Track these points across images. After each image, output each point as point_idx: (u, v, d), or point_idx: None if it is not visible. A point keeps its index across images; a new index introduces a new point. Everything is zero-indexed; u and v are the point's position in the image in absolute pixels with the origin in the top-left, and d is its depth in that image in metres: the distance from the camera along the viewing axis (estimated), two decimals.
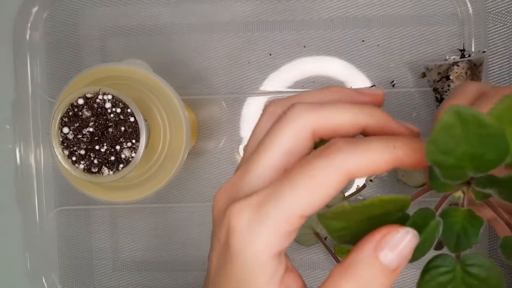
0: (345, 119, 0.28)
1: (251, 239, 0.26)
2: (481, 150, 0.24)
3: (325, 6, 0.54)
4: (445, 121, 0.23)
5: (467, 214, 0.27)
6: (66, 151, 0.41)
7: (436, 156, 0.24)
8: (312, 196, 0.26)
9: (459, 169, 0.25)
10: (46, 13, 0.56)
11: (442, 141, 0.24)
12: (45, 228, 0.56)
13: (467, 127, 0.23)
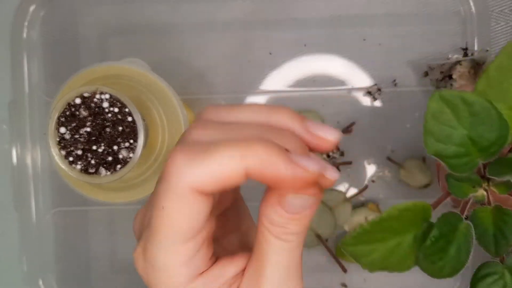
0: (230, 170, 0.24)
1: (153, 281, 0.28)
2: (478, 129, 0.23)
3: (326, 5, 0.54)
4: (432, 108, 0.23)
5: (497, 211, 0.25)
6: (63, 151, 0.40)
7: (435, 146, 0.24)
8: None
9: (465, 157, 0.24)
10: (44, 11, 0.55)
11: (437, 129, 0.24)
12: (42, 229, 0.56)
13: (456, 109, 0.23)
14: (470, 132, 0.24)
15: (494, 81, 0.25)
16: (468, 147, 0.24)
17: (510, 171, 0.24)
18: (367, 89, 0.54)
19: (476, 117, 0.23)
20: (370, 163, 0.54)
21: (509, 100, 0.24)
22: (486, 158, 0.24)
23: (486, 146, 0.24)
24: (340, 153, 0.54)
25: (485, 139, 0.24)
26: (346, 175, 0.54)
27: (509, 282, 0.25)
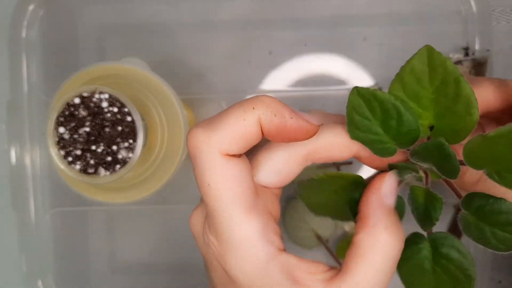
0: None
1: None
2: (389, 123, 0.27)
3: (326, 4, 0.54)
4: (351, 101, 0.27)
5: (427, 194, 0.28)
6: (62, 151, 0.40)
7: (357, 134, 0.27)
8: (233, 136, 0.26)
9: (382, 144, 0.27)
10: (43, 11, 0.55)
11: (357, 119, 0.27)
12: (41, 229, 0.56)
13: (370, 104, 0.27)
14: (382, 125, 0.27)
15: (407, 84, 0.28)
16: (382, 136, 0.27)
17: (428, 159, 0.26)
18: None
19: (387, 112, 0.27)
20: None
21: (421, 102, 0.27)
22: (402, 146, 0.27)
23: (398, 137, 0.27)
24: None
25: (396, 131, 0.27)
26: None
27: (427, 251, 0.28)
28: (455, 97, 0.26)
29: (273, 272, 0.26)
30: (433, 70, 0.27)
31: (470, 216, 0.26)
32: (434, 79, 0.27)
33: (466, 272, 0.27)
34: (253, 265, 0.26)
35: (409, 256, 0.28)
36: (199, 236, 0.29)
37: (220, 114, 0.26)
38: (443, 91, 0.27)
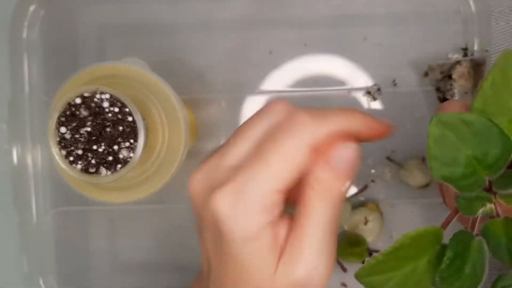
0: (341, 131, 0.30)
1: (238, 221, 0.28)
2: (482, 148, 0.24)
3: (326, 4, 0.54)
4: (433, 133, 0.24)
5: (507, 222, 0.26)
6: (63, 151, 0.41)
7: (442, 171, 0.24)
8: (284, 171, 0.28)
9: (472, 177, 0.24)
10: (43, 11, 0.56)
11: (441, 154, 0.24)
12: (42, 229, 0.56)
13: (457, 131, 0.24)
14: (474, 152, 0.24)
15: (490, 97, 0.25)
16: (474, 166, 0.24)
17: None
18: (367, 89, 0.54)
19: (478, 136, 0.24)
20: (370, 163, 0.54)
21: (508, 114, 0.25)
22: (492, 174, 0.25)
23: (492, 163, 0.24)
24: None
25: (490, 156, 0.24)
26: None
27: None
28: None
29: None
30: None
31: None
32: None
33: None
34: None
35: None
36: (198, 198, 0.31)
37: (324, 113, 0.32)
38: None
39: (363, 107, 0.54)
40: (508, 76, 0.25)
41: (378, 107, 0.54)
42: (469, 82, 0.51)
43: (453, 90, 0.51)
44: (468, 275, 0.25)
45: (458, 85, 0.51)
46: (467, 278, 0.25)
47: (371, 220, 0.53)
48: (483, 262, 0.25)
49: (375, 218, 0.53)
